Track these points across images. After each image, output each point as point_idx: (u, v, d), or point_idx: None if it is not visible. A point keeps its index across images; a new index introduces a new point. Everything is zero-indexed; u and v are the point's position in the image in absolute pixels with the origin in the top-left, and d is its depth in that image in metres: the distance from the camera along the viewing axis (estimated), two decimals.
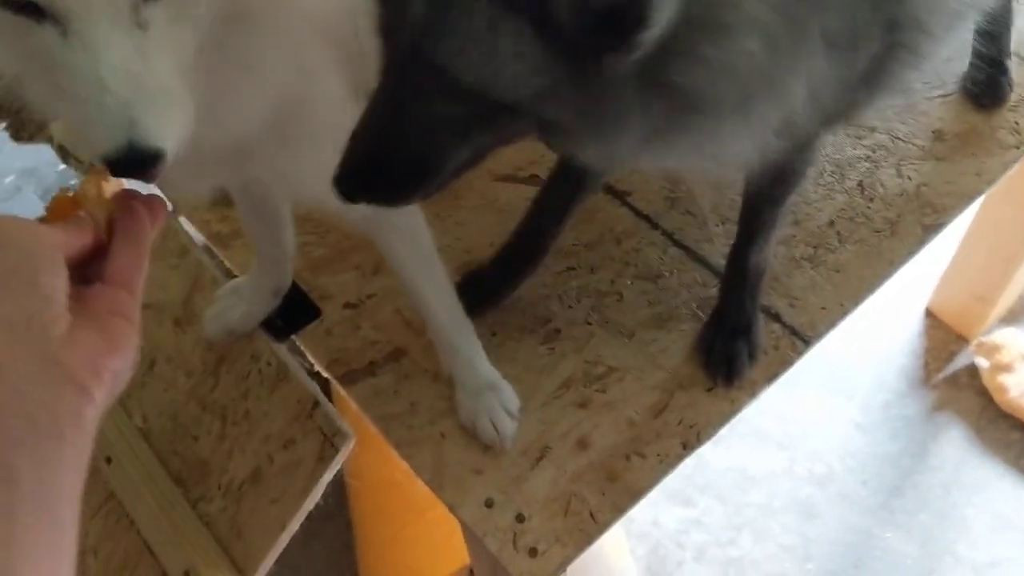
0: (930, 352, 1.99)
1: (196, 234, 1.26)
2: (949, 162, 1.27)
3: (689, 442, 1.04)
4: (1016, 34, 1.33)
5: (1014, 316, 1.99)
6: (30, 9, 0.57)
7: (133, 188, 0.65)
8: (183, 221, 1.27)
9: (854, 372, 1.96)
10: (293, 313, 1.14)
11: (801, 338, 1.12)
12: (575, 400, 1.07)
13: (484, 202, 1.26)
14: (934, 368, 1.97)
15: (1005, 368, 1.86)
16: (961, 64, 1.36)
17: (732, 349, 1.08)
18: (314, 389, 1.08)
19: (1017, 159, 1.27)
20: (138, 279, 0.59)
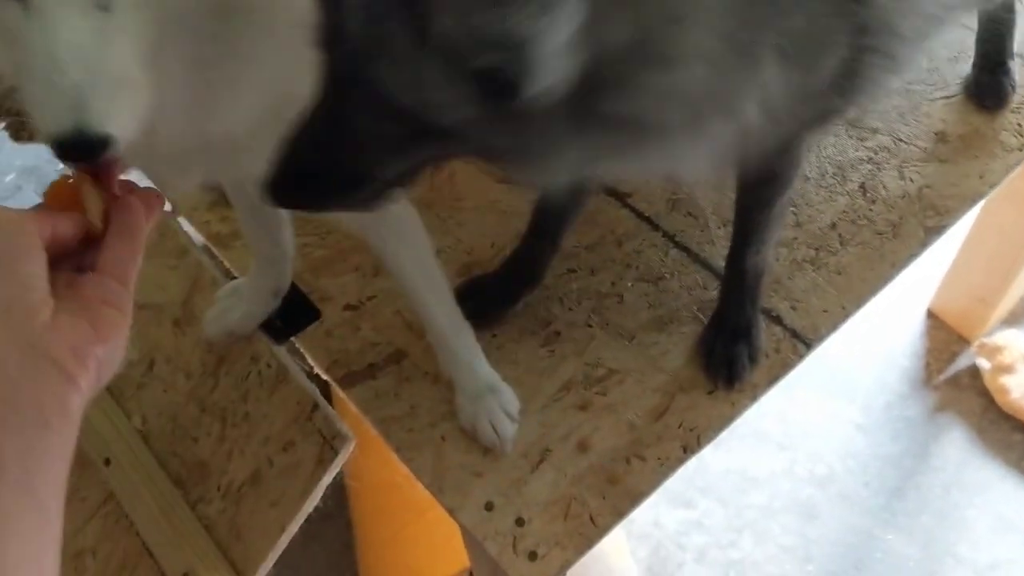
0: (932, 353, 1.99)
1: (196, 235, 1.26)
2: (952, 164, 1.26)
3: (690, 445, 1.04)
4: (1019, 35, 1.32)
5: (1016, 317, 1.99)
6: None
7: (130, 179, 0.65)
8: (182, 221, 1.26)
9: (855, 373, 1.96)
10: (293, 315, 1.14)
11: (802, 341, 1.11)
12: (575, 402, 1.07)
13: (486, 204, 1.25)
14: (935, 369, 1.96)
15: (1007, 369, 1.85)
16: (964, 65, 1.36)
17: (732, 352, 1.08)
18: (314, 391, 1.08)
19: (1020, 161, 1.27)
20: (131, 270, 0.59)
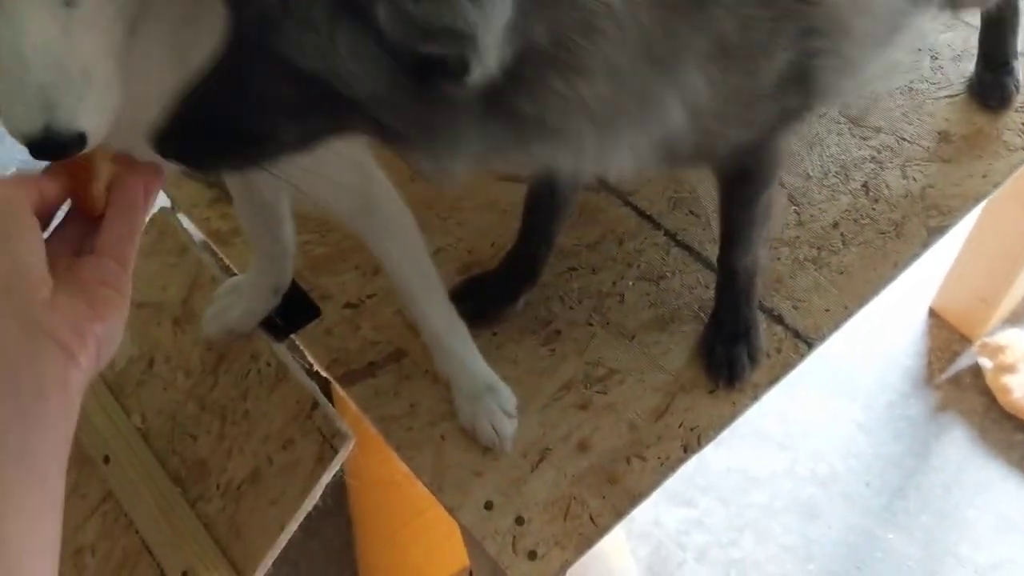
0: (934, 353, 1.98)
1: (196, 232, 1.26)
2: (955, 164, 1.26)
3: (690, 445, 1.03)
4: (1023, 34, 1.32)
5: (1018, 317, 1.98)
6: None
7: (129, 155, 0.65)
8: (182, 218, 1.26)
9: (857, 372, 1.96)
10: (293, 312, 1.13)
11: (804, 340, 1.11)
12: (576, 402, 1.06)
13: (486, 202, 1.25)
14: (937, 369, 1.96)
15: (1009, 369, 1.85)
16: (968, 64, 1.35)
17: (732, 352, 1.07)
18: (313, 389, 1.07)
19: (1023, 161, 1.26)
20: (129, 250, 0.60)
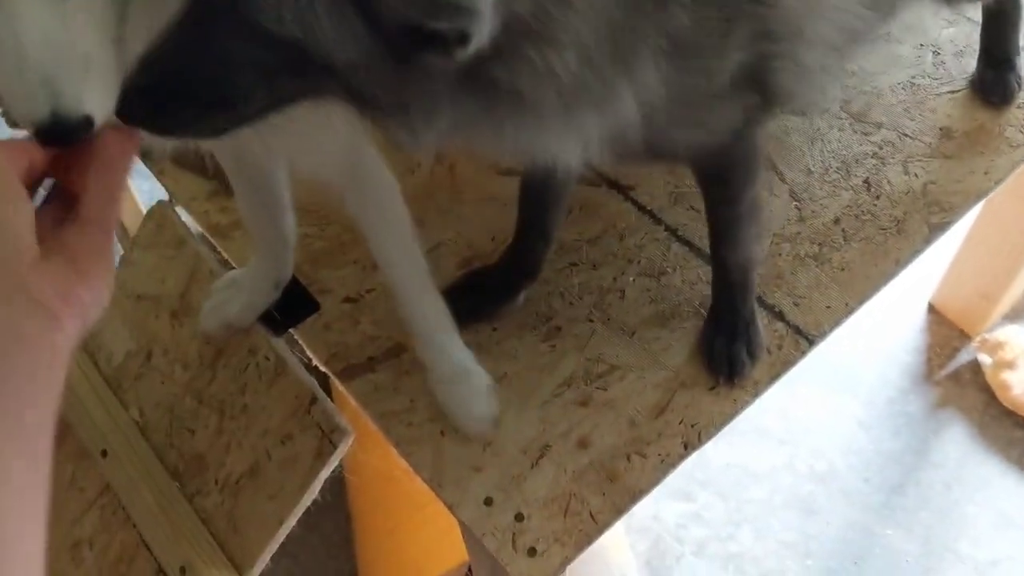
0: (933, 349, 1.98)
1: (194, 225, 1.25)
2: (957, 160, 1.25)
3: (691, 442, 1.03)
4: None
5: (1018, 313, 1.98)
6: None
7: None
8: (181, 211, 1.26)
9: (857, 368, 1.95)
10: (291, 307, 1.13)
11: (805, 337, 1.10)
12: (576, 398, 1.06)
13: (486, 196, 1.24)
14: (937, 365, 1.95)
15: (1008, 365, 1.84)
16: (970, 60, 1.34)
17: (732, 349, 1.07)
18: (312, 384, 1.07)
19: None
20: (111, 216, 0.60)
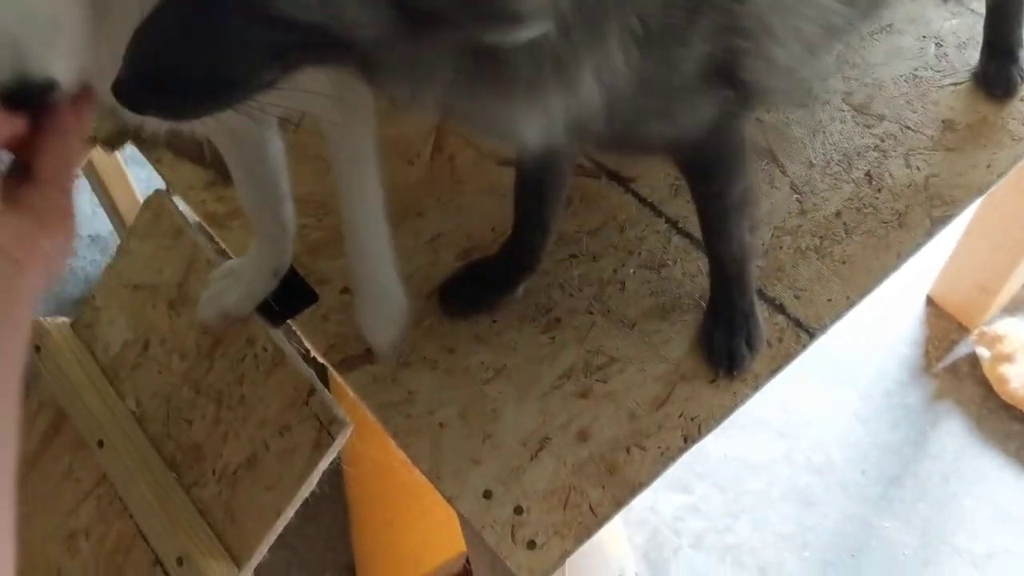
0: (931, 341, 1.97)
1: (191, 214, 1.24)
2: (959, 153, 1.24)
3: (691, 435, 1.03)
4: None
5: (1016, 306, 1.98)
6: None
7: None
8: (178, 201, 1.25)
9: (855, 360, 1.95)
10: (290, 298, 1.12)
11: (806, 330, 1.10)
12: (575, 390, 1.05)
13: (486, 186, 1.23)
14: (935, 357, 1.95)
15: (1006, 358, 1.84)
16: (973, 52, 1.33)
17: (731, 342, 1.06)
18: (311, 376, 1.06)
19: None
20: (68, 175, 0.61)
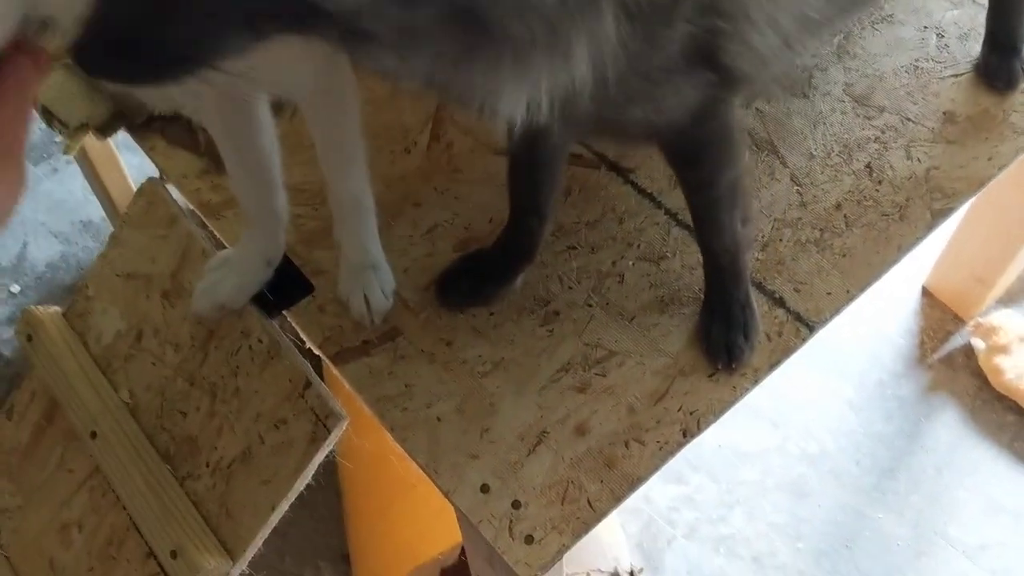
0: (926, 332, 1.97)
1: (184, 203, 1.23)
2: (960, 145, 1.24)
3: (689, 429, 1.02)
4: None
5: (1012, 298, 1.98)
6: None
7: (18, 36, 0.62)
8: (172, 189, 1.23)
9: (849, 351, 1.94)
10: (285, 289, 1.11)
11: (805, 324, 1.09)
12: (574, 384, 1.05)
13: (484, 176, 1.22)
14: (930, 348, 1.95)
15: (1001, 350, 1.84)
16: (975, 44, 1.32)
17: (729, 336, 1.06)
18: (306, 368, 1.05)
19: None
20: (21, 129, 0.59)
